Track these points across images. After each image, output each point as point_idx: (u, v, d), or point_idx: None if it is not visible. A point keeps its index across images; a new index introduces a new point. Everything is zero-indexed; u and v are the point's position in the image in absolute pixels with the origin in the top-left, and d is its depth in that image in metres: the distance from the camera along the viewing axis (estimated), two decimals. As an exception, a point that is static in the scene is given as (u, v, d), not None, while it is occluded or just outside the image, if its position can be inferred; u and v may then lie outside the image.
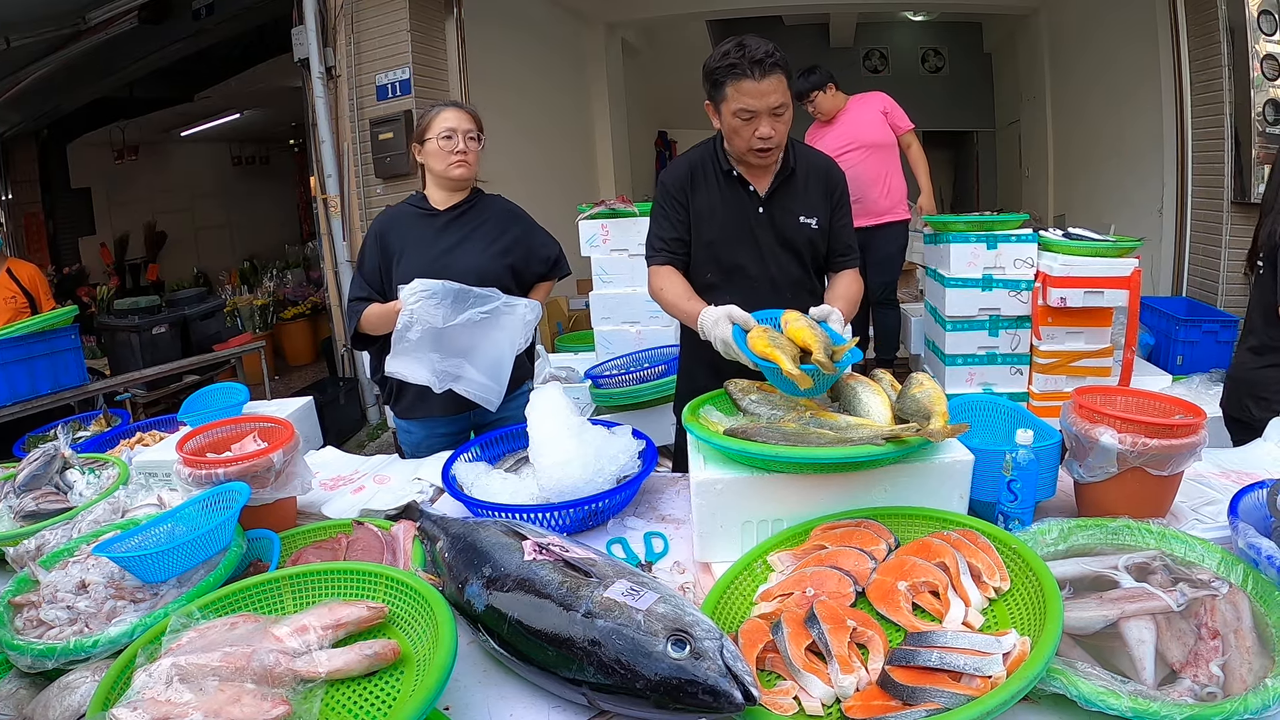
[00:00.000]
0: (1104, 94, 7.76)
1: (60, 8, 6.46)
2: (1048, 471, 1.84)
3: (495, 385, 2.61)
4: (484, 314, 2.50)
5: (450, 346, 2.51)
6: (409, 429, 2.84)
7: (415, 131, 2.71)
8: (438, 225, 2.71)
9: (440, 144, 2.62)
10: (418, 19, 6.03)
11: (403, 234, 2.69)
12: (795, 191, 2.42)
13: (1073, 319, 4.10)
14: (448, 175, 2.66)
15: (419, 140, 2.68)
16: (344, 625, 1.31)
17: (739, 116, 2.19)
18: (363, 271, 2.70)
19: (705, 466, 1.78)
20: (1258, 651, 1.27)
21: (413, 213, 2.74)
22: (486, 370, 2.58)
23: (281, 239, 12.94)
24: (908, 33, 12.84)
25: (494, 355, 2.58)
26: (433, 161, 2.66)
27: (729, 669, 1.16)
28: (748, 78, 2.14)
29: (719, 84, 2.20)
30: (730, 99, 2.19)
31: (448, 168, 2.64)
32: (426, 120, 2.67)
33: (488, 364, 2.58)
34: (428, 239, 2.68)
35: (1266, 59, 5.10)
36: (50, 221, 9.71)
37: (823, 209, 2.46)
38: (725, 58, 2.16)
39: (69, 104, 8.64)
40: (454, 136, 2.62)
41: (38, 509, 2.12)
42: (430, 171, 2.71)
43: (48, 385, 4.19)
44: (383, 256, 2.68)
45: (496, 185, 2.98)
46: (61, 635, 1.46)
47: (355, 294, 2.69)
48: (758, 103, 2.16)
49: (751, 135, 2.21)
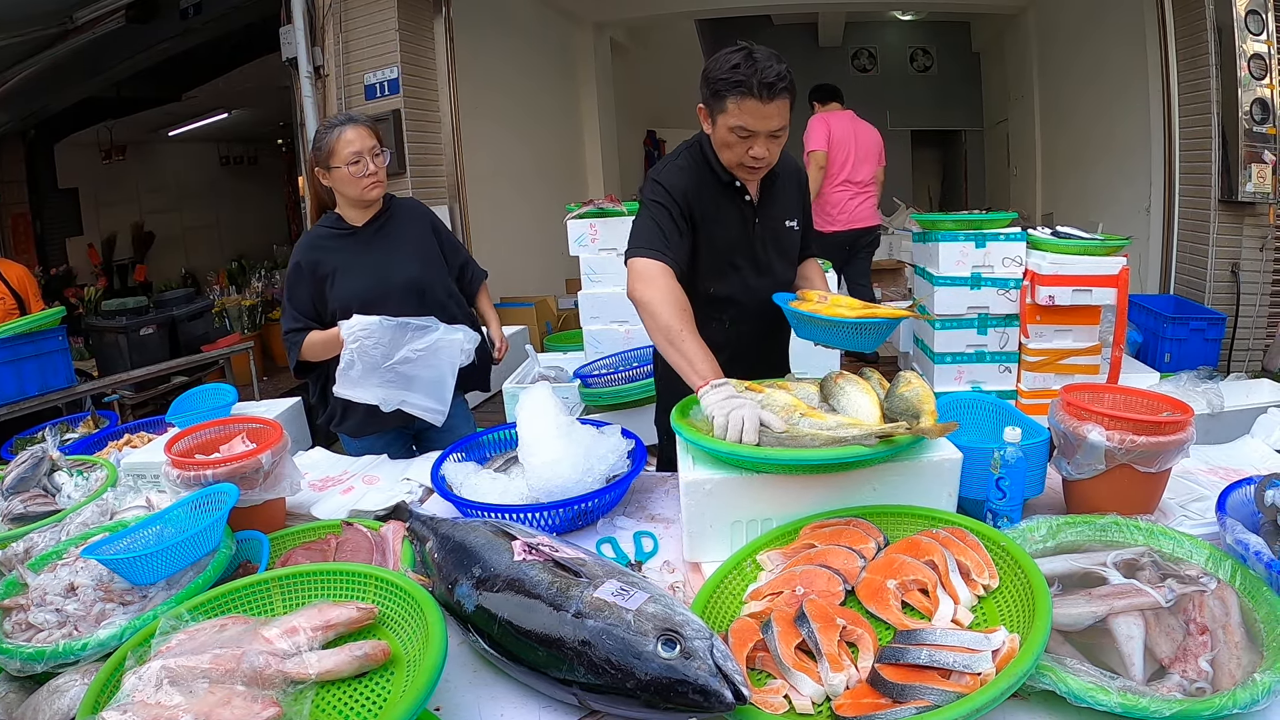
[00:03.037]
0: (1092, 93, 7.80)
1: (46, 7, 6.42)
2: (1036, 469, 1.85)
3: (439, 405, 2.69)
4: (419, 351, 2.57)
5: (392, 374, 2.57)
6: (359, 447, 2.83)
7: (317, 155, 2.62)
8: (362, 241, 2.69)
9: (350, 170, 2.56)
10: (406, 18, 6.02)
11: (329, 257, 2.65)
12: (777, 196, 2.39)
13: (1061, 317, 4.12)
14: (364, 199, 2.63)
15: (324, 166, 2.61)
16: (334, 626, 1.31)
17: (735, 133, 2.08)
18: (293, 303, 2.66)
19: (694, 466, 1.78)
20: (1246, 647, 1.28)
21: (331, 234, 2.69)
22: (428, 392, 2.65)
23: (270, 239, 12.87)
24: (896, 32, 12.89)
25: (434, 378, 2.64)
26: (346, 188, 2.61)
27: (719, 668, 1.16)
28: (753, 98, 2.00)
29: (720, 95, 2.06)
30: (730, 113, 2.05)
31: (363, 192, 2.60)
32: (327, 144, 2.58)
33: (429, 386, 2.64)
34: (355, 259, 2.65)
35: (1254, 58, 5.13)
36: (37, 222, 9.65)
37: (798, 210, 2.46)
38: (734, 71, 2.01)
39: (56, 104, 8.58)
40: (362, 159, 2.56)
41: (26, 511, 2.11)
42: (343, 196, 2.65)
43: (35, 387, 4.16)
44: (314, 282, 2.63)
45: (485, 185, 3.01)
46: (50, 638, 1.45)
47: (290, 325, 2.67)
48: (758, 124, 2.05)
49: (744, 154, 2.11)
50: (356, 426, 2.78)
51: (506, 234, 7.28)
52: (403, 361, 2.55)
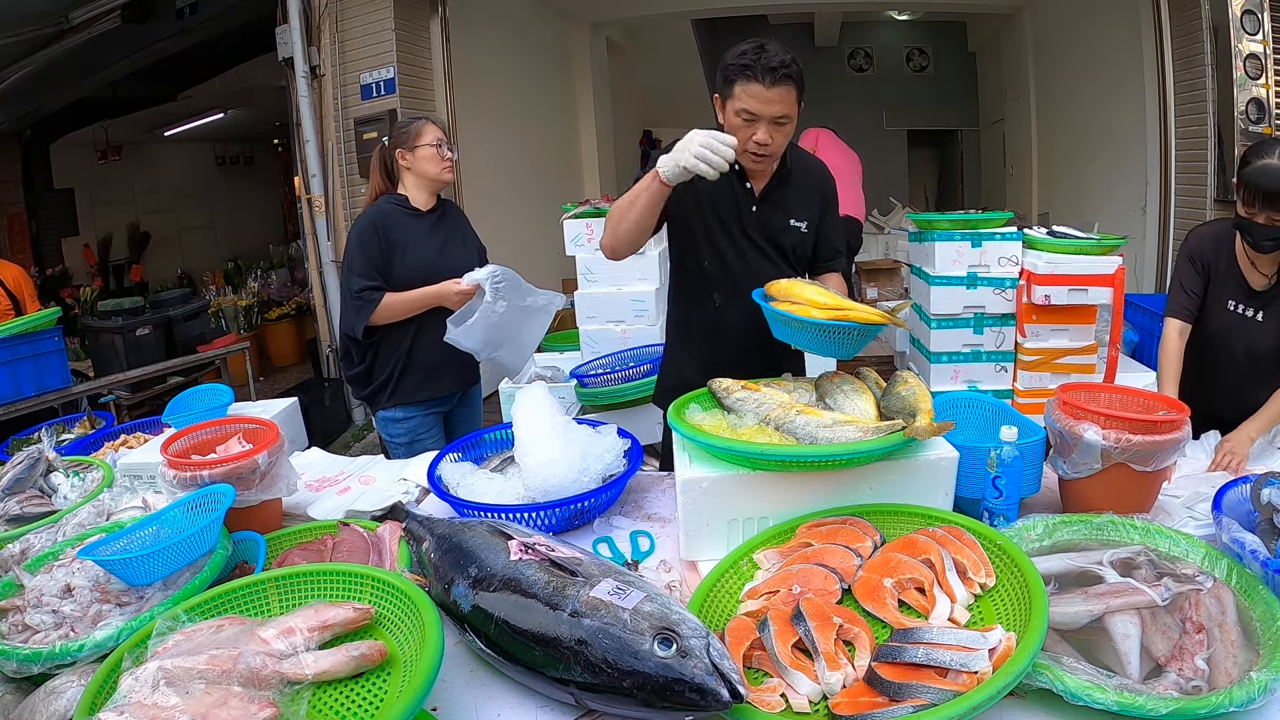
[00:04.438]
0: (1088, 92, 7.80)
1: (42, 7, 6.40)
2: (1032, 468, 1.85)
3: (519, 363, 3.03)
4: (542, 303, 2.88)
5: (499, 324, 2.76)
6: (405, 415, 2.98)
7: (401, 139, 2.90)
8: (428, 225, 2.95)
9: (435, 150, 2.87)
10: (402, 18, 6.01)
11: (400, 229, 2.87)
12: (789, 194, 2.42)
13: (1057, 316, 4.11)
14: (440, 179, 2.92)
15: (408, 147, 2.88)
16: (330, 627, 1.31)
17: (740, 116, 2.17)
18: (367, 262, 2.81)
19: (691, 465, 1.78)
20: (1242, 645, 1.28)
21: (400, 211, 2.91)
22: (517, 348, 2.93)
23: (266, 239, 12.87)
24: (892, 32, 12.89)
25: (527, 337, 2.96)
26: (427, 166, 2.88)
27: (716, 667, 1.16)
28: (757, 82, 2.11)
29: (730, 80, 2.16)
30: (736, 98, 2.15)
31: (440, 171, 2.90)
32: (416, 129, 2.88)
33: (519, 344, 2.94)
34: (423, 237, 2.91)
35: (1249, 58, 5.14)
36: (33, 222, 9.62)
37: (814, 213, 2.47)
38: (742, 56, 2.13)
39: (52, 104, 8.55)
40: (442, 145, 2.88)
41: (22, 512, 2.11)
42: (420, 175, 2.91)
43: (31, 388, 4.15)
44: (384, 247, 2.82)
45: (482, 183, 3.10)
46: (47, 639, 1.45)
47: (363, 284, 2.79)
48: (761, 108, 2.14)
49: (748, 139, 2.19)
50: (412, 389, 2.95)
51: (503, 234, 7.23)
52: (527, 308, 2.84)
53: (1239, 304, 2.57)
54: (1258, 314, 2.54)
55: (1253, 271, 2.53)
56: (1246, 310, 2.56)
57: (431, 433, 3.02)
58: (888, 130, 12.85)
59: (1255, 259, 2.50)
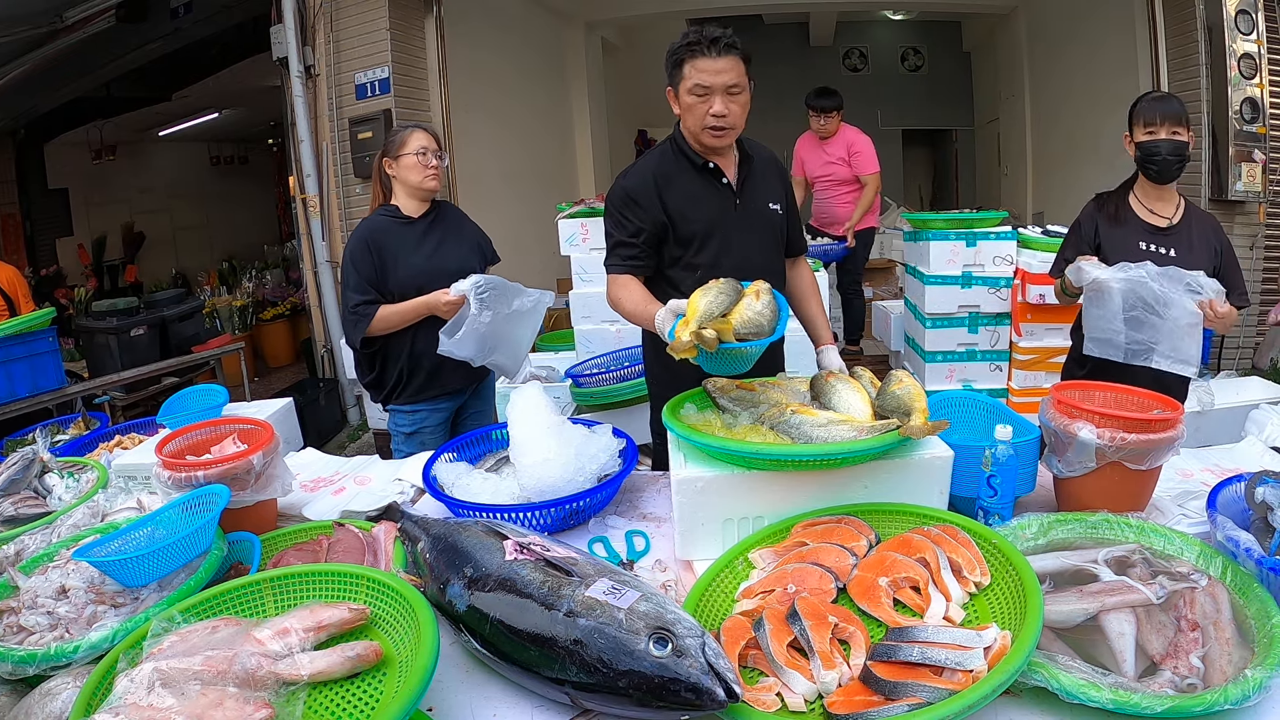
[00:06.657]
0: (1082, 92, 7.82)
1: (36, 6, 6.38)
2: (1027, 467, 1.85)
3: (514, 365, 3.05)
4: (530, 304, 2.91)
5: (489, 330, 2.77)
6: (413, 409, 3.02)
7: (389, 147, 2.95)
8: (418, 232, 2.95)
9: (417, 159, 2.88)
10: (397, 18, 6.01)
11: (390, 240, 2.89)
12: (758, 179, 2.46)
13: (1052, 315, 4.13)
14: (423, 187, 2.93)
15: (393, 156, 2.92)
16: (326, 627, 1.31)
17: (694, 93, 2.23)
18: (361, 277, 2.84)
19: (686, 464, 1.78)
20: (1237, 643, 1.29)
21: (390, 222, 2.94)
22: (510, 351, 2.96)
23: (260, 239, 12.82)
24: (887, 32, 12.90)
25: (520, 337, 2.99)
26: (410, 174, 2.90)
27: (711, 666, 1.17)
28: (704, 55, 2.19)
29: (679, 63, 2.24)
30: (688, 76, 2.22)
31: (423, 180, 2.91)
32: (400, 138, 2.92)
33: (513, 346, 2.96)
34: (413, 244, 2.92)
35: (1244, 58, 5.16)
36: (27, 222, 9.59)
37: (781, 195, 2.52)
38: (684, 39, 2.23)
39: (46, 103, 8.53)
40: (426, 154, 2.89)
41: (16, 514, 2.11)
42: (404, 183, 2.94)
43: (26, 388, 4.14)
44: (376, 261, 2.85)
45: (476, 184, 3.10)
46: (42, 641, 1.45)
47: (358, 299, 2.83)
48: (713, 79, 2.20)
49: (705, 113, 2.23)
50: (419, 389, 2.98)
51: (498, 233, 7.14)
52: (515, 312, 2.85)
53: (1149, 243, 2.66)
54: (1170, 250, 2.63)
55: (1153, 216, 2.68)
56: (1159, 249, 2.65)
57: (437, 429, 3.05)
58: (883, 130, 12.85)
59: (1154, 202, 2.68)
